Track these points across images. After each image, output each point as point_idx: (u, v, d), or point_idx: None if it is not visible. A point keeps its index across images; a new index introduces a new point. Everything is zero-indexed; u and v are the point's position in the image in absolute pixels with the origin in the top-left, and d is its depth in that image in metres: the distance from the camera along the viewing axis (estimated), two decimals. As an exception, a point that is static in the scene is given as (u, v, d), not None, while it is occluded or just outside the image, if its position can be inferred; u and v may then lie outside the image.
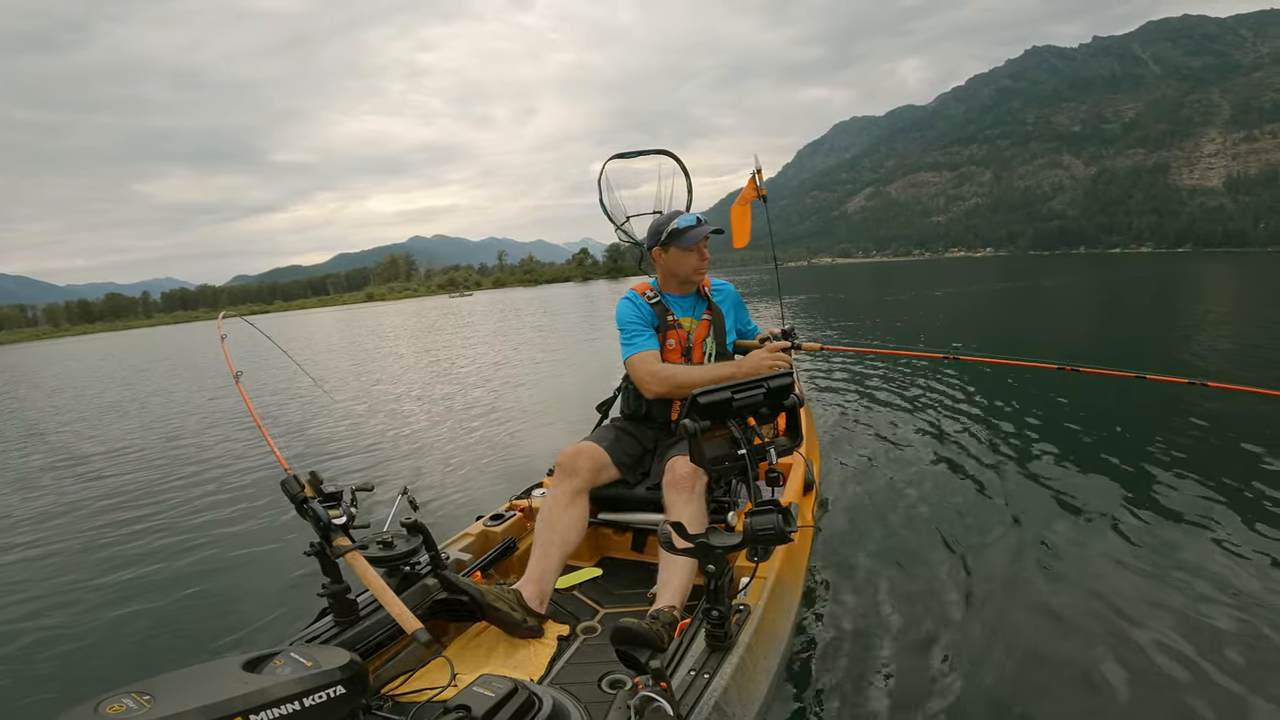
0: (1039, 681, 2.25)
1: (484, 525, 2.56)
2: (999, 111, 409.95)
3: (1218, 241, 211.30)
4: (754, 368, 2.37)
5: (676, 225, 2.45)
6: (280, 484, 1.84)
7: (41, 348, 74.57)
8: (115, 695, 1.10)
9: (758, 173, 2.98)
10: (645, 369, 2.43)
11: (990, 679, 2.26)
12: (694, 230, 2.45)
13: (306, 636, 1.79)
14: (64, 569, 4.00)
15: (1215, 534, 3.26)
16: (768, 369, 2.34)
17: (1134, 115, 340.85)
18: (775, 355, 2.40)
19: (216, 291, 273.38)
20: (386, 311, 58.81)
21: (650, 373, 2.42)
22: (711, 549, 1.59)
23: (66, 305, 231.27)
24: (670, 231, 2.46)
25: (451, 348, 16.97)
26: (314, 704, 1.18)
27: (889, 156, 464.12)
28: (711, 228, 2.47)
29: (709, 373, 2.41)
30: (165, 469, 6.37)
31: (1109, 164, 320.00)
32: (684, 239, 2.45)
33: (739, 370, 2.38)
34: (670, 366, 2.45)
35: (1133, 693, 2.16)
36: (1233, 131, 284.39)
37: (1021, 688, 2.22)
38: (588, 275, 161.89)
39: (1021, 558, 3.14)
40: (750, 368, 2.37)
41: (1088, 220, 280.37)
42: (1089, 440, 4.98)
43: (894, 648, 2.47)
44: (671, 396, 2.47)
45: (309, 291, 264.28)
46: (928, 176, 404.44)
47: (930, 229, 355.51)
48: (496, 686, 1.35)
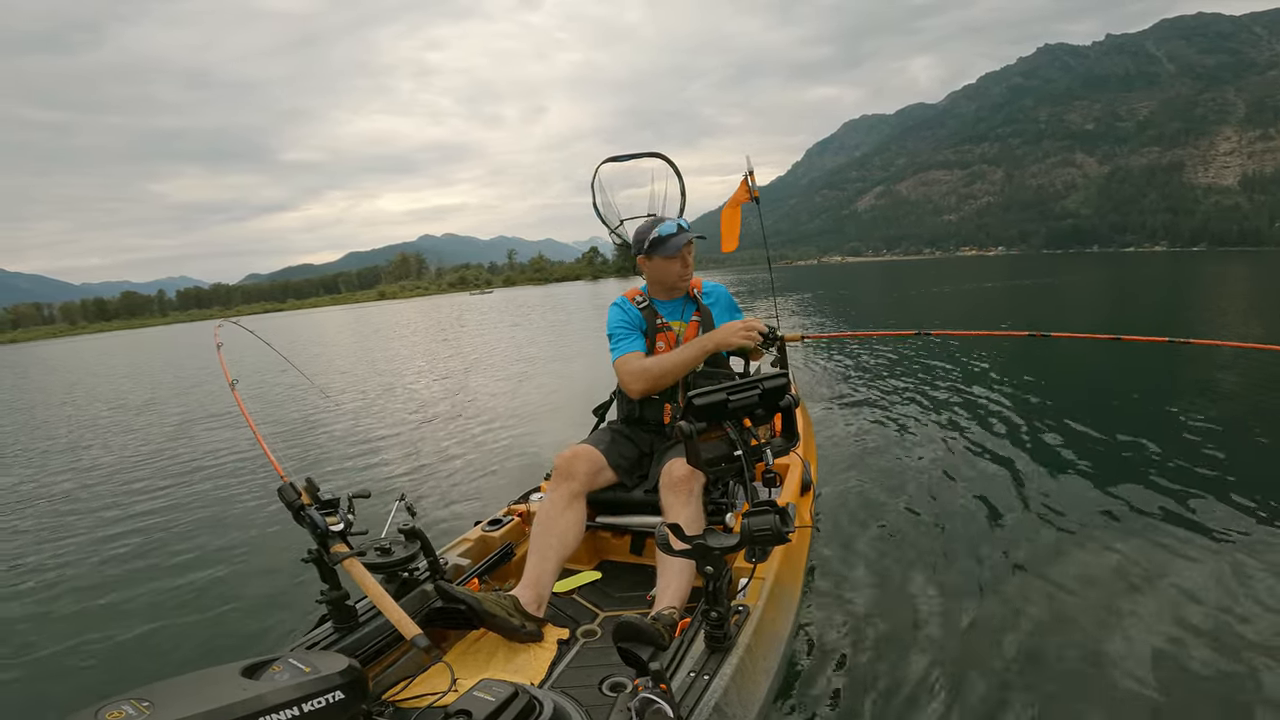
0: (1039, 680, 2.24)
1: (482, 530, 2.56)
2: (1011, 109, 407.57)
3: (1233, 240, 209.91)
4: (723, 339, 2.37)
5: (658, 233, 2.45)
6: (277, 491, 1.85)
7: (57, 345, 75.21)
8: (115, 702, 1.10)
9: (750, 174, 2.97)
10: (627, 369, 2.45)
11: (990, 678, 2.25)
12: (674, 239, 2.44)
13: (306, 643, 1.80)
14: (61, 577, 3.99)
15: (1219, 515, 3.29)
16: (739, 339, 2.36)
17: (1148, 113, 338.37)
18: (746, 325, 2.40)
19: (230, 290, 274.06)
20: (403, 310, 58.84)
21: (630, 372, 2.44)
22: (709, 550, 1.59)
23: (83, 303, 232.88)
24: (652, 240, 2.46)
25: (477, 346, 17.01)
26: (313, 710, 1.18)
27: (899, 155, 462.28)
28: (691, 235, 2.47)
29: (679, 355, 2.41)
30: (163, 474, 6.38)
31: (1123, 162, 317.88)
32: (665, 247, 2.44)
33: (708, 343, 2.38)
34: (646, 360, 2.45)
35: (1135, 693, 2.14)
36: (1248, 130, 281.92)
37: (1022, 686, 2.21)
38: (597, 274, 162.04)
39: (1022, 554, 3.13)
40: (720, 338, 2.38)
41: (1101, 219, 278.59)
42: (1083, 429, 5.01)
43: (894, 647, 2.46)
44: (655, 388, 2.46)
45: (321, 290, 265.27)
46: (939, 175, 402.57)
47: (941, 228, 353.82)
48: (497, 691, 1.35)
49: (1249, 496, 3.57)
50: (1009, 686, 2.22)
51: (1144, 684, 2.17)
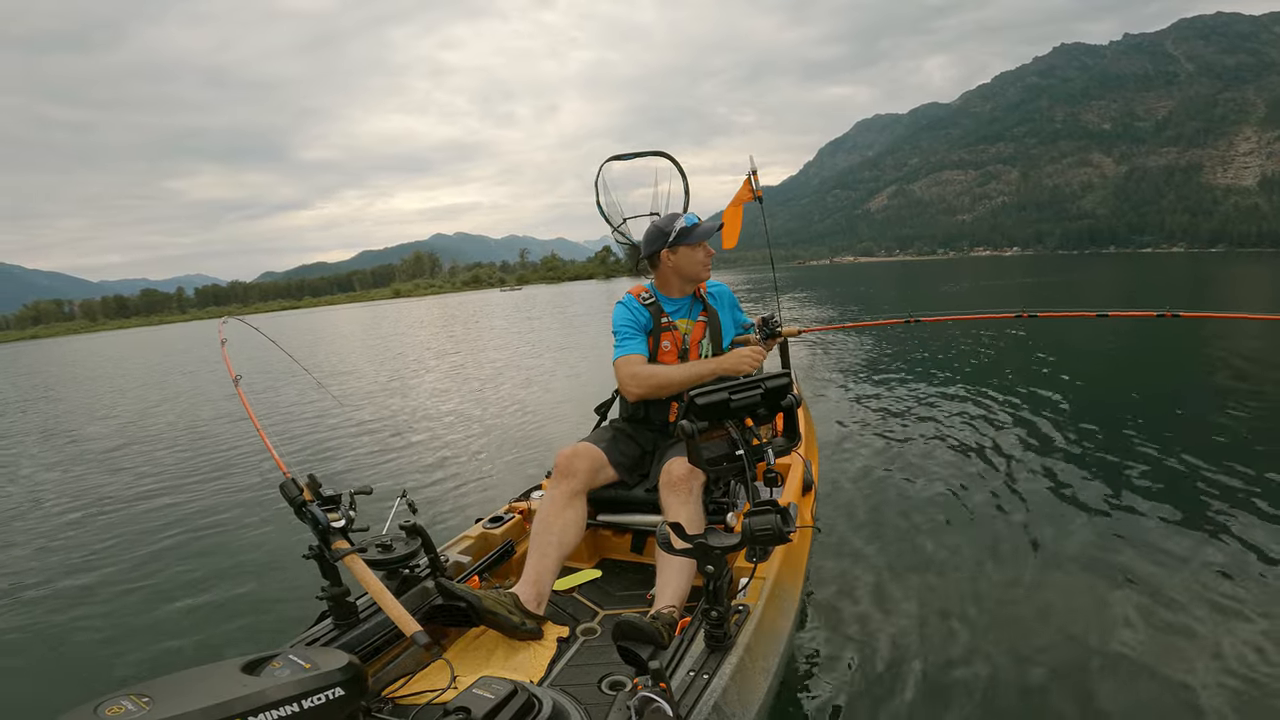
0: (1039, 679, 2.24)
1: (483, 528, 2.56)
2: (1026, 109, 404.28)
3: (1252, 242, 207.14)
4: (734, 365, 2.38)
5: (684, 223, 2.50)
6: (279, 487, 1.85)
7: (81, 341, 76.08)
8: (114, 697, 1.10)
9: (753, 174, 2.97)
10: (627, 371, 2.45)
11: (990, 677, 2.25)
12: (701, 227, 2.52)
13: (306, 639, 1.80)
14: (61, 572, 4.03)
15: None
16: (748, 366, 2.37)
17: (1166, 113, 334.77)
18: (755, 352, 2.43)
19: (248, 288, 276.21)
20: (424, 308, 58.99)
21: (630, 375, 2.44)
22: (710, 550, 1.59)
23: (103, 301, 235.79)
24: (679, 230, 2.49)
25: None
26: (313, 706, 1.18)
27: (913, 154, 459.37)
28: (717, 225, 2.55)
29: (686, 371, 2.42)
30: (165, 469, 6.44)
31: (1140, 163, 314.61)
32: (692, 236, 2.49)
33: (719, 367, 2.39)
34: (650, 367, 2.46)
35: (1138, 695, 2.13)
36: (1268, 130, 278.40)
37: (1022, 686, 2.21)
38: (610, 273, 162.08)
39: (1022, 553, 3.13)
40: (730, 364, 2.38)
41: (1118, 220, 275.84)
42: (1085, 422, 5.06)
43: (894, 646, 2.46)
44: (652, 397, 2.48)
45: (336, 289, 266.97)
46: (952, 175, 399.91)
47: (955, 228, 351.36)
48: (496, 688, 1.35)
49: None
50: (1010, 687, 2.21)
51: (1153, 686, 2.15)
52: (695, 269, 2.55)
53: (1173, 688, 2.15)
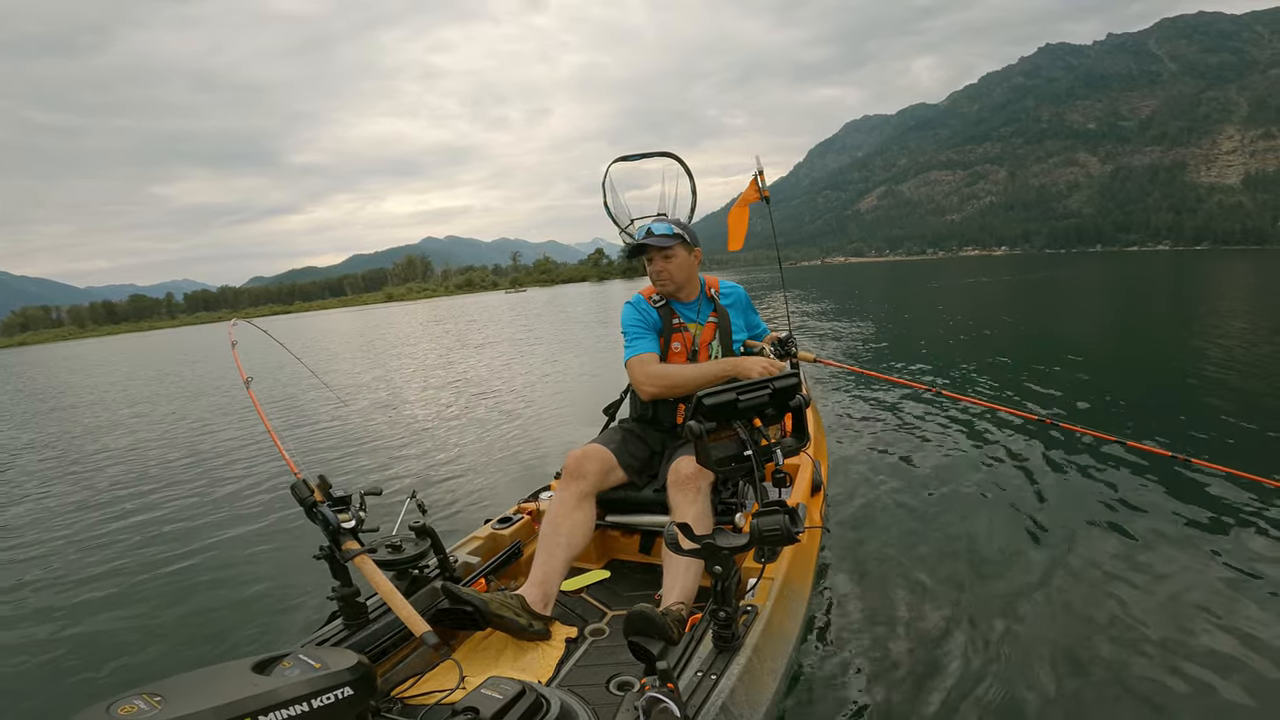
0: (1049, 685, 2.22)
1: (492, 529, 2.57)
2: (1013, 109, 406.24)
3: (1236, 239, 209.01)
4: (747, 369, 2.37)
5: (638, 235, 2.49)
6: (290, 488, 1.86)
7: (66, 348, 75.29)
8: (126, 697, 1.11)
9: (760, 174, 2.97)
10: (642, 370, 2.45)
11: (1000, 681, 2.24)
12: (648, 239, 2.46)
13: (316, 639, 1.81)
14: (73, 572, 4.02)
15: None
16: (759, 376, 2.34)
17: (1150, 113, 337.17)
18: (771, 363, 2.43)
19: (238, 293, 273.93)
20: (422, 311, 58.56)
21: (645, 374, 2.44)
22: (718, 550, 1.59)
23: (91, 307, 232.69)
24: (635, 246, 2.50)
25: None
26: (323, 705, 1.19)
27: (901, 155, 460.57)
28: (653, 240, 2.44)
29: (700, 371, 2.42)
30: (177, 470, 6.42)
31: (1125, 162, 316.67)
32: (646, 251, 2.48)
33: (733, 369, 2.39)
34: (664, 366, 2.46)
35: (1146, 701, 2.13)
36: (1250, 129, 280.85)
37: (1032, 689, 2.20)
38: (603, 275, 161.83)
39: (1035, 558, 3.11)
40: (744, 368, 2.38)
41: (1104, 218, 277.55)
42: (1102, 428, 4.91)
43: (903, 649, 2.45)
44: (667, 396, 2.47)
45: (326, 293, 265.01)
46: (941, 175, 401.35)
47: (944, 228, 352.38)
48: (504, 688, 1.36)
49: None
50: (1019, 689, 2.20)
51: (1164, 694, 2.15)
52: (652, 280, 2.54)
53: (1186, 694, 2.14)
